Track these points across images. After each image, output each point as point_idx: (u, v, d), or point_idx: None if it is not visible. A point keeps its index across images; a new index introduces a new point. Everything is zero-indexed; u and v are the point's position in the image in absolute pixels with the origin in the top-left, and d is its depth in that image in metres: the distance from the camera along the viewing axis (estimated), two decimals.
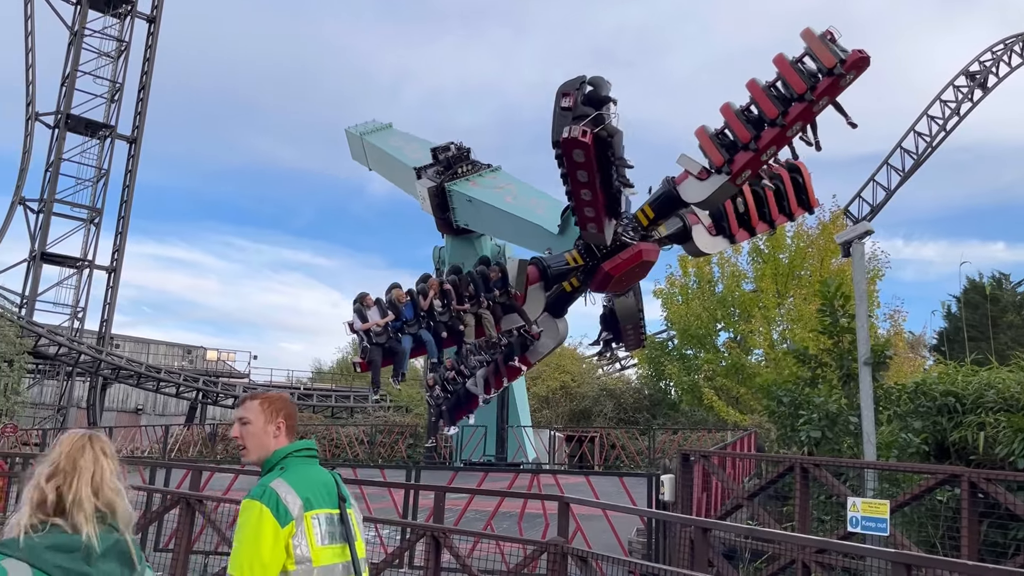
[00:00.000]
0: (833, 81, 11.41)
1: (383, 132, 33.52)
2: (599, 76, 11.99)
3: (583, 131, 11.14)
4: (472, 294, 13.20)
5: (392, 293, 13.05)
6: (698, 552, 7.62)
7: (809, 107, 11.57)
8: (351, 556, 3.03)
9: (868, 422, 10.51)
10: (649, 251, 13.44)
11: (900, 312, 37.25)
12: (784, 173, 14.33)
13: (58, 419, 42.01)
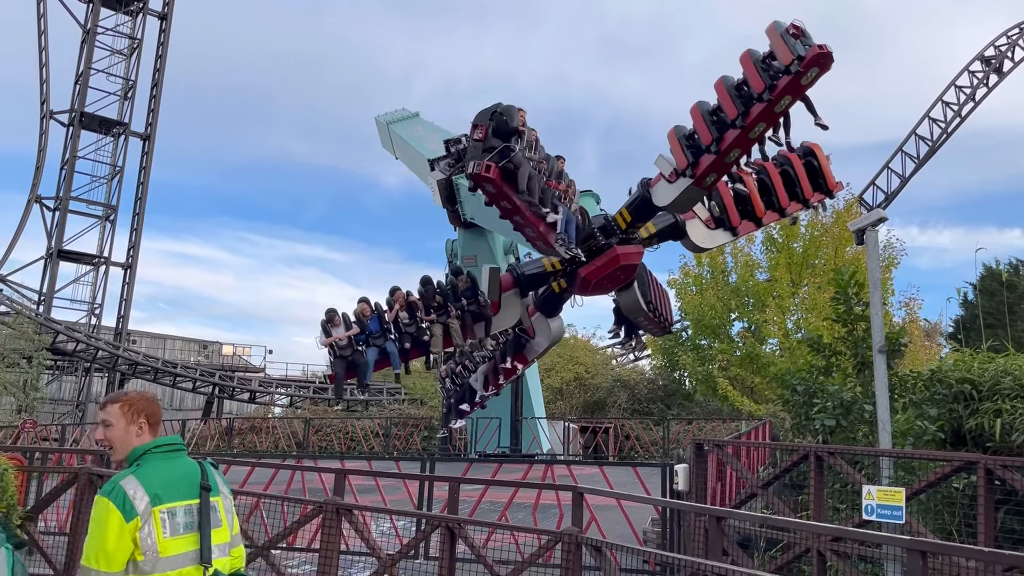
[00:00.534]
0: (792, 79, 10.79)
1: (408, 121, 33.62)
2: (510, 106, 11.30)
3: (486, 166, 10.83)
4: (440, 304, 13.31)
5: (358, 307, 13.41)
6: (712, 541, 7.62)
7: (769, 107, 10.98)
8: (201, 545, 3.26)
9: (883, 410, 10.45)
10: (627, 254, 13.02)
11: (915, 300, 37.06)
12: (795, 157, 13.87)
13: (77, 415, 42.43)
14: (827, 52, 10.62)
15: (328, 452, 31.39)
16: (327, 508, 8.79)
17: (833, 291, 14.03)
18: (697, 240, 13.87)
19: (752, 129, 11.09)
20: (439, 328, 13.14)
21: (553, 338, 14.76)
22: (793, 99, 10.99)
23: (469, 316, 13.34)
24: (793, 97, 10.95)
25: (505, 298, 13.73)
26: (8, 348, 37.06)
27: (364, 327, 13.21)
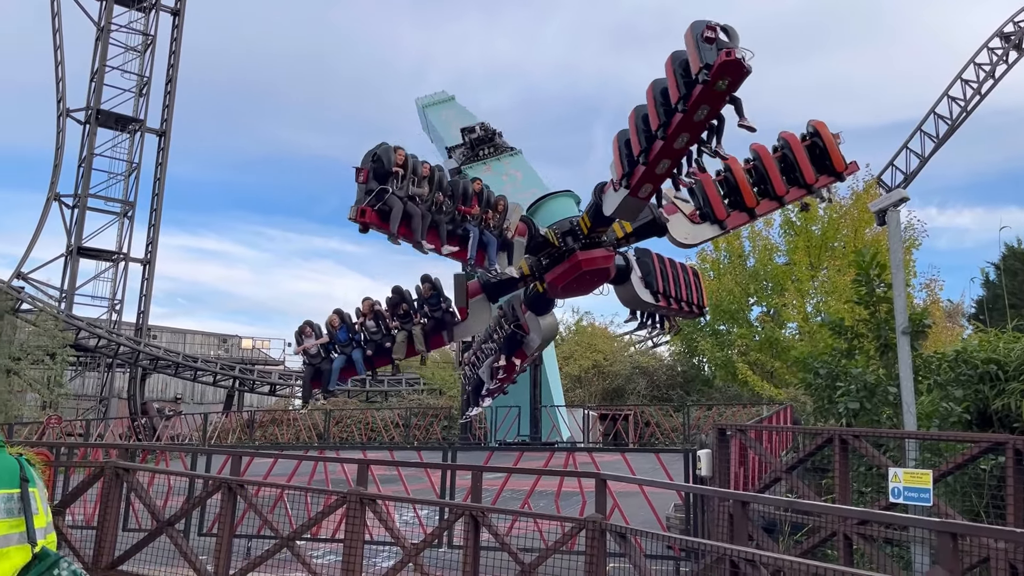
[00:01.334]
0: (704, 89, 9.93)
1: (441, 105, 33.61)
2: (388, 148, 11.29)
3: (359, 211, 10.97)
4: (405, 312, 13.66)
5: (328, 318, 14.03)
6: (737, 526, 7.58)
7: (687, 118, 10.21)
8: (27, 527, 3.61)
9: (907, 392, 10.35)
10: (590, 259, 12.66)
11: (936, 281, 36.76)
12: (794, 139, 13.11)
13: (100, 410, 42.88)
14: (734, 60, 9.64)
15: (349, 443, 31.57)
16: (351, 498, 8.82)
17: (854, 273, 13.82)
18: (679, 236, 13.18)
19: (675, 140, 10.44)
20: (403, 335, 13.52)
21: (545, 335, 14.78)
22: (712, 108, 10.16)
23: (433, 323, 13.64)
24: (711, 106, 10.13)
25: (473, 304, 13.83)
26: (32, 345, 37.49)
27: (333, 337, 13.78)
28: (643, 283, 14.39)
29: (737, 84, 10.03)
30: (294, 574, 9.63)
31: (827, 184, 13.32)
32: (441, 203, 11.51)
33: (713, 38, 9.94)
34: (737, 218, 13.08)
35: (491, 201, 12.11)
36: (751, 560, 6.44)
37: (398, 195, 10.98)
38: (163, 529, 9.58)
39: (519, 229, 12.58)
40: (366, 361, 13.79)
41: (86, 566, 9.56)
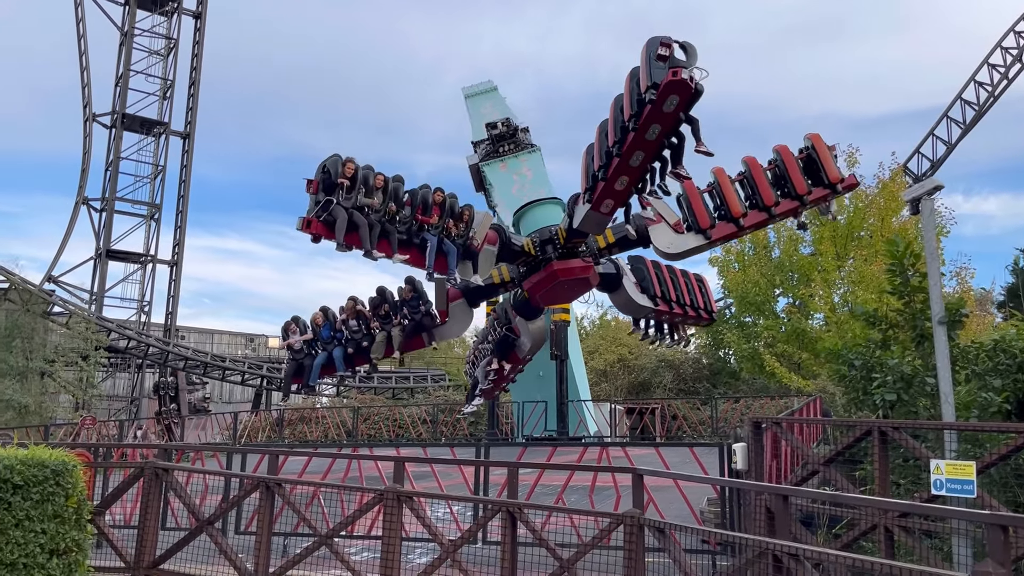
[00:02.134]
0: (652, 109, 9.74)
1: (480, 97, 33.72)
2: (336, 159, 11.49)
3: (305, 222, 11.31)
4: (386, 312, 13.90)
5: (313, 315, 14.44)
6: (779, 520, 7.53)
7: (639, 137, 10.00)
8: None
9: (945, 382, 10.21)
10: (567, 269, 12.58)
11: (967, 269, 36.24)
12: (785, 151, 12.77)
13: (131, 410, 43.44)
14: (679, 80, 9.39)
15: (377, 440, 31.74)
16: (387, 496, 8.87)
17: (887, 262, 13.64)
18: (662, 245, 12.97)
19: (630, 157, 10.25)
20: (382, 336, 13.78)
21: (534, 339, 14.90)
22: (663, 127, 9.94)
23: (412, 325, 13.84)
24: (662, 126, 9.92)
25: (453, 307, 13.92)
26: (66, 348, 38.06)
27: (317, 334, 14.13)
28: (639, 288, 14.39)
29: (688, 104, 9.83)
30: (332, 571, 9.71)
31: (821, 197, 12.93)
32: (395, 213, 11.72)
33: (666, 56, 9.76)
34: (723, 228, 12.76)
35: (455, 211, 12.25)
36: (794, 554, 6.41)
37: (344, 206, 11.25)
38: (203, 528, 9.68)
39: (489, 238, 12.62)
40: (346, 359, 14.06)
41: (128, 565, 9.69)
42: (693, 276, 15.90)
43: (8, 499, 8.04)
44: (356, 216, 11.31)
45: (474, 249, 12.38)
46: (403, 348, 14.06)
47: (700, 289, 15.84)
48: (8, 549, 8.01)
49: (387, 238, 11.68)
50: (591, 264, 12.77)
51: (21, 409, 33.86)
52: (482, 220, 12.48)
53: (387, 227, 11.67)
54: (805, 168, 12.74)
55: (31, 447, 8.82)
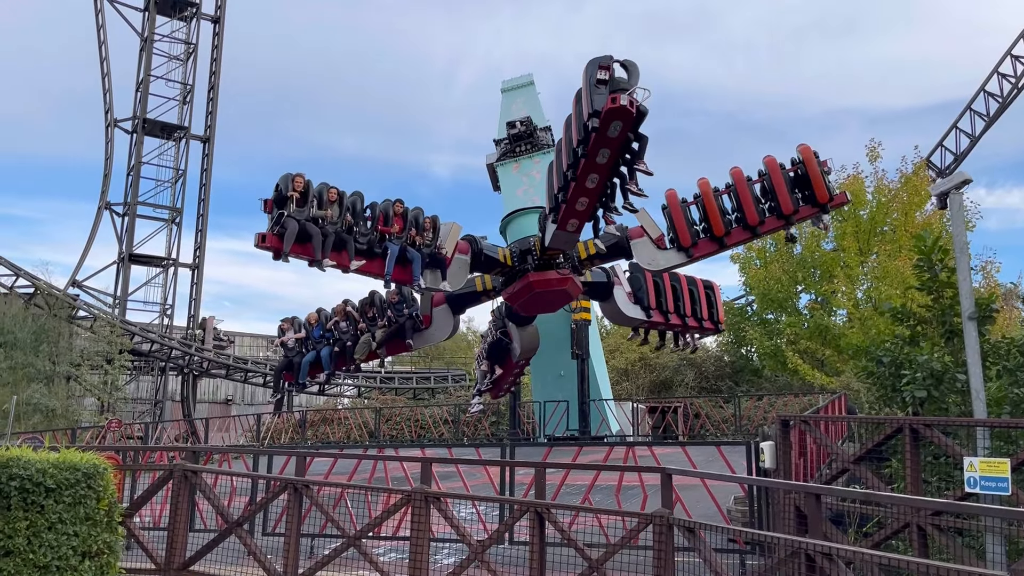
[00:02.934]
0: (596, 136, 9.70)
1: (515, 92, 33.72)
2: (287, 175, 11.83)
3: (260, 237, 11.80)
4: (373, 315, 14.34)
5: (307, 315, 15.03)
6: (812, 519, 7.45)
7: (590, 161, 10.01)
8: None
9: (976, 378, 10.08)
10: (543, 281, 12.66)
11: (992, 263, 35.78)
12: (773, 166, 12.55)
13: (155, 412, 43.82)
14: (618, 108, 9.32)
15: (400, 440, 31.82)
16: (416, 496, 8.87)
17: (915, 258, 13.48)
18: (642, 261, 13.01)
19: (585, 180, 10.24)
20: (366, 338, 14.24)
21: (524, 345, 15.00)
22: (612, 151, 9.90)
23: (396, 328, 14.19)
24: (610, 149, 9.86)
25: (436, 312, 14.22)
26: (91, 351, 38.48)
27: (309, 333, 14.74)
28: (632, 299, 14.30)
29: (635, 124, 9.80)
30: (360, 572, 9.73)
31: (809, 215, 12.70)
32: (352, 224, 12.01)
33: (606, 80, 9.74)
34: (705, 246, 12.69)
35: (418, 221, 12.50)
36: (828, 554, 6.34)
37: (296, 218, 11.59)
38: (232, 529, 9.73)
39: (460, 247, 12.80)
40: (332, 359, 14.48)
41: (159, 567, 9.77)
42: (702, 284, 15.73)
43: (41, 502, 8.12)
44: (309, 227, 11.64)
45: (441, 258, 12.57)
46: (385, 351, 14.46)
47: (708, 298, 15.68)
48: (41, 552, 8.09)
49: (343, 248, 11.96)
50: (568, 276, 12.75)
51: (48, 412, 34.29)
52: (450, 230, 12.69)
53: (343, 237, 11.95)
54: (795, 183, 12.55)
55: (62, 450, 8.91)
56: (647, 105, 9.80)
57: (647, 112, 9.81)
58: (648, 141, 10.32)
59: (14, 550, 7.92)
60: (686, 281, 15.45)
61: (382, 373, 48.81)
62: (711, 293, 15.74)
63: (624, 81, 9.78)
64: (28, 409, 33.36)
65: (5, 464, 7.96)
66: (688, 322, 15.05)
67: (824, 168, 12.57)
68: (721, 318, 15.87)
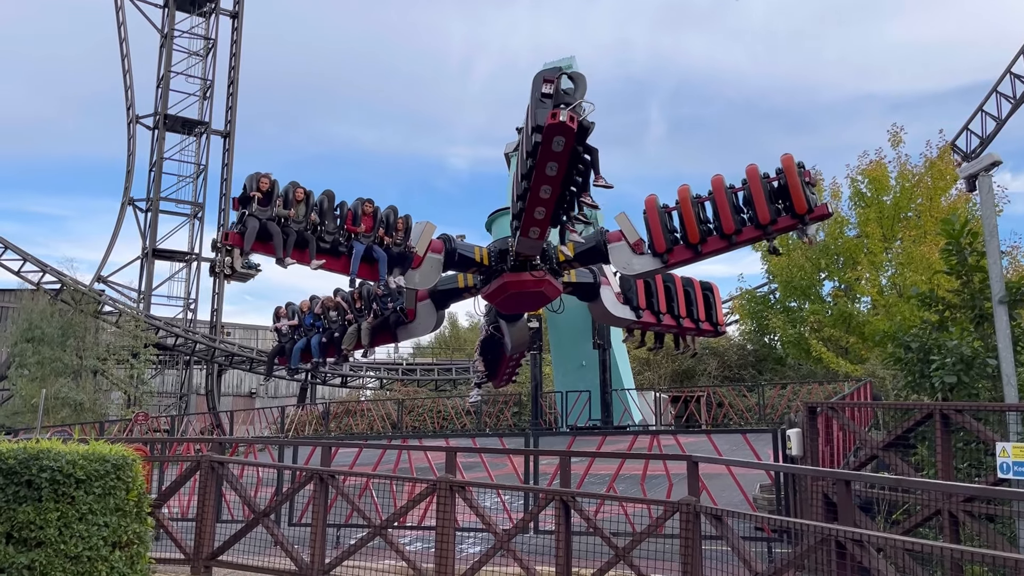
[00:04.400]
0: (543, 150, 9.67)
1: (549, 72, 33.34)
2: (252, 176, 12.09)
3: (224, 235, 12.27)
4: (361, 307, 14.70)
5: (301, 303, 15.42)
6: (842, 506, 7.37)
7: (541, 174, 9.99)
8: None
9: (1007, 363, 9.94)
10: (517, 282, 12.68)
11: (1018, 248, 35.19)
12: (753, 175, 12.41)
13: (181, 406, 44.28)
14: (557, 124, 9.25)
15: (422, 431, 31.94)
16: (441, 486, 8.88)
17: (943, 242, 13.28)
18: (618, 266, 13.03)
19: (539, 191, 10.25)
20: (353, 328, 14.58)
21: (513, 340, 15.14)
22: (559, 164, 9.84)
23: (381, 320, 14.53)
24: (558, 163, 9.81)
25: (420, 307, 14.39)
26: (117, 346, 38.93)
27: (301, 320, 15.13)
28: (622, 299, 14.23)
29: (580, 137, 9.74)
30: (385, 562, 9.76)
31: (789, 226, 12.51)
32: (317, 223, 12.25)
33: (550, 94, 9.70)
34: (681, 253, 12.64)
35: (388, 221, 12.69)
36: (858, 540, 6.27)
37: (259, 217, 11.87)
38: (259, 520, 9.80)
39: (434, 246, 12.92)
40: (320, 347, 14.81)
41: (188, 557, 9.86)
42: (699, 286, 15.62)
43: (72, 493, 8.20)
44: (270, 226, 11.92)
45: (410, 257, 12.72)
46: (370, 342, 14.78)
47: (706, 300, 15.55)
48: (72, 542, 8.18)
49: (306, 246, 12.21)
50: (544, 278, 12.74)
51: (77, 406, 34.73)
52: (423, 229, 12.80)
53: (306, 236, 12.21)
54: (775, 193, 12.35)
55: (91, 442, 9.00)
56: (592, 119, 9.86)
57: (591, 127, 9.84)
58: (599, 153, 10.41)
59: (45, 541, 8.01)
60: (681, 282, 15.38)
61: (404, 365, 49.00)
62: (709, 295, 15.65)
63: (570, 95, 9.78)
64: (57, 403, 33.82)
65: (36, 456, 8.05)
66: (683, 323, 15.01)
67: (806, 179, 12.31)
68: (720, 320, 15.79)
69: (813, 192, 12.33)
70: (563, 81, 9.90)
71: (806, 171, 12.34)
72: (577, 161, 10.10)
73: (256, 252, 12.19)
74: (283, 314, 15.31)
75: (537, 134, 9.62)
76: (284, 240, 11.95)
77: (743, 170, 12.74)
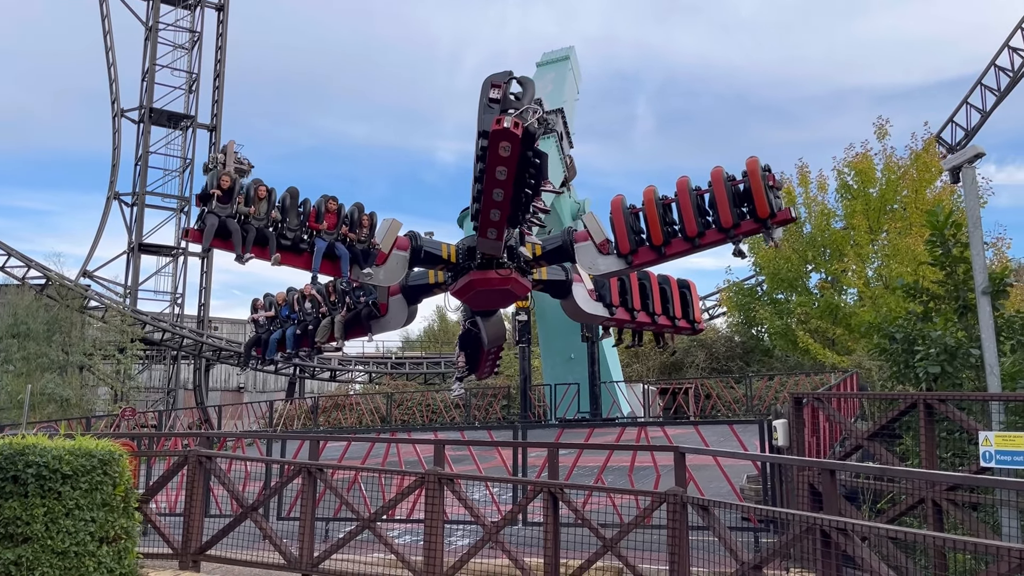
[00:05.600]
0: (491, 155, 9.71)
1: (547, 67, 33.10)
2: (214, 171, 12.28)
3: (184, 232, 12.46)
4: (335, 300, 14.90)
5: (278, 294, 15.67)
6: (827, 495, 7.44)
7: (491, 177, 10.04)
8: None
9: (990, 353, 10.04)
10: (482, 280, 12.68)
11: (1003, 240, 35.47)
12: (717, 177, 12.38)
13: (168, 401, 44.10)
14: (501, 130, 9.34)
15: (411, 425, 31.95)
16: (429, 479, 8.90)
17: (928, 233, 13.37)
18: (584, 265, 13.06)
19: (491, 193, 10.31)
20: (327, 321, 14.77)
21: (490, 334, 15.31)
22: (509, 169, 9.91)
23: (353, 314, 14.69)
24: (506, 167, 9.88)
25: (392, 301, 14.53)
26: (103, 341, 38.70)
27: (277, 312, 15.38)
28: (594, 296, 14.34)
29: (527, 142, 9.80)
30: (374, 555, 9.78)
31: (753, 230, 12.44)
32: (279, 220, 12.40)
33: (497, 98, 9.77)
34: (645, 254, 12.67)
35: (353, 218, 12.85)
36: (842, 529, 6.33)
37: (219, 214, 12.05)
38: (247, 514, 9.79)
39: (399, 243, 12.93)
40: (295, 339, 14.98)
41: (176, 552, 9.84)
42: (676, 283, 15.66)
43: (58, 489, 8.17)
44: (229, 223, 12.11)
45: (374, 254, 12.77)
46: (343, 335, 14.92)
47: (683, 297, 15.62)
48: (59, 538, 8.15)
49: (267, 244, 12.36)
50: (510, 276, 12.81)
51: (63, 402, 34.54)
52: (389, 227, 12.86)
53: (266, 233, 12.38)
54: (739, 196, 12.33)
55: (77, 437, 8.96)
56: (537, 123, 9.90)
57: (537, 132, 9.90)
58: (547, 158, 10.53)
59: (32, 536, 7.99)
60: (657, 279, 15.45)
61: (392, 359, 48.96)
62: (686, 292, 15.73)
63: (517, 100, 9.86)
64: (43, 399, 33.62)
65: (21, 451, 8.01)
66: (658, 321, 15.08)
67: (770, 183, 12.24)
68: (698, 317, 15.83)
69: (778, 196, 12.29)
70: (512, 85, 10.00)
71: (771, 175, 12.29)
72: (528, 165, 10.22)
73: (216, 248, 12.31)
74: (260, 306, 15.61)
75: (483, 139, 9.75)
76: (244, 237, 12.14)
77: (739, 164, 12.73)
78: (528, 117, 9.64)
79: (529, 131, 9.68)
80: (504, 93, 9.85)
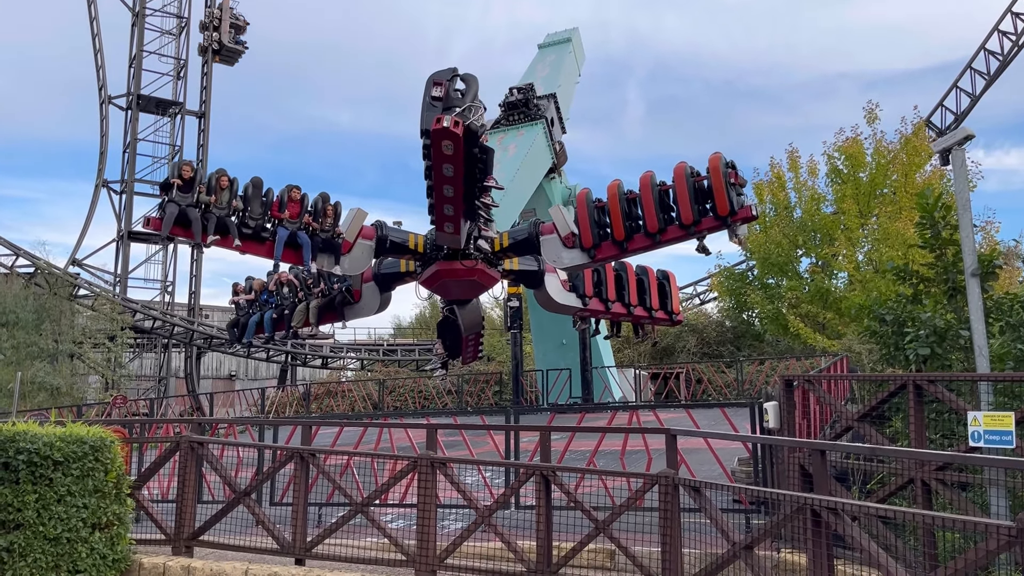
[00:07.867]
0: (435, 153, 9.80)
1: (547, 49, 32.82)
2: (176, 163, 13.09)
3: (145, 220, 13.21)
4: (311, 286, 15.22)
5: (254, 280, 16.04)
6: (817, 475, 7.49)
7: (438, 175, 10.15)
8: None
9: (979, 335, 10.08)
10: (449, 270, 12.94)
11: (992, 223, 35.62)
12: (679, 174, 12.31)
13: (160, 389, 43.99)
14: (441, 129, 9.38)
15: (403, 411, 31.98)
16: (422, 462, 8.91)
17: (918, 216, 13.42)
18: (548, 258, 13.18)
19: (442, 189, 10.44)
20: (302, 306, 15.15)
21: (467, 321, 15.57)
22: (455, 166, 9.99)
23: (327, 300, 15.07)
24: (452, 164, 9.96)
25: (365, 288, 14.76)
26: (93, 329, 38.52)
27: (257, 296, 15.73)
28: (568, 286, 14.40)
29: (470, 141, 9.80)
30: (367, 539, 9.80)
31: (713, 227, 12.34)
32: (241, 209, 12.66)
33: (440, 97, 9.78)
34: (608, 249, 12.72)
35: (317, 208, 13.04)
36: (833, 509, 6.38)
37: (179, 203, 12.33)
38: (240, 499, 9.79)
39: (365, 232, 13.06)
40: (272, 322, 15.35)
41: (169, 538, 9.84)
42: (655, 274, 15.62)
43: (49, 475, 8.16)
44: (190, 212, 12.36)
45: (338, 243, 12.93)
46: (317, 320, 15.31)
47: (661, 288, 15.58)
48: (52, 524, 8.15)
49: (228, 232, 12.60)
50: (476, 266, 12.90)
51: (53, 391, 34.42)
52: (354, 216, 12.94)
53: (226, 222, 12.62)
54: (701, 193, 12.24)
55: (68, 424, 8.93)
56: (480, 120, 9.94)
57: (480, 129, 9.95)
58: (493, 154, 10.63)
59: (24, 523, 7.98)
60: (634, 270, 15.40)
61: (384, 346, 48.93)
62: (665, 283, 15.70)
63: (459, 98, 9.86)
64: (33, 388, 33.49)
65: (12, 438, 7.99)
66: (634, 312, 15.06)
67: (732, 180, 12.12)
68: (676, 308, 15.82)
69: (740, 193, 12.22)
70: (456, 83, 10.03)
71: (733, 172, 12.18)
72: (473, 163, 10.27)
73: (176, 236, 12.72)
74: (240, 289, 15.91)
75: (425, 137, 9.82)
76: (204, 226, 12.34)
77: (729, 151, 12.73)
78: (469, 115, 9.71)
79: (471, 129, 9.74)
80: (447, 91, 9.88)
